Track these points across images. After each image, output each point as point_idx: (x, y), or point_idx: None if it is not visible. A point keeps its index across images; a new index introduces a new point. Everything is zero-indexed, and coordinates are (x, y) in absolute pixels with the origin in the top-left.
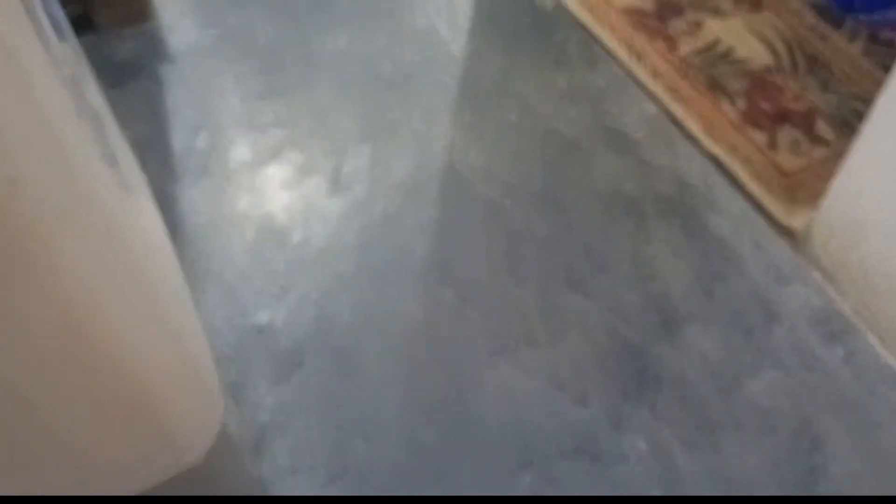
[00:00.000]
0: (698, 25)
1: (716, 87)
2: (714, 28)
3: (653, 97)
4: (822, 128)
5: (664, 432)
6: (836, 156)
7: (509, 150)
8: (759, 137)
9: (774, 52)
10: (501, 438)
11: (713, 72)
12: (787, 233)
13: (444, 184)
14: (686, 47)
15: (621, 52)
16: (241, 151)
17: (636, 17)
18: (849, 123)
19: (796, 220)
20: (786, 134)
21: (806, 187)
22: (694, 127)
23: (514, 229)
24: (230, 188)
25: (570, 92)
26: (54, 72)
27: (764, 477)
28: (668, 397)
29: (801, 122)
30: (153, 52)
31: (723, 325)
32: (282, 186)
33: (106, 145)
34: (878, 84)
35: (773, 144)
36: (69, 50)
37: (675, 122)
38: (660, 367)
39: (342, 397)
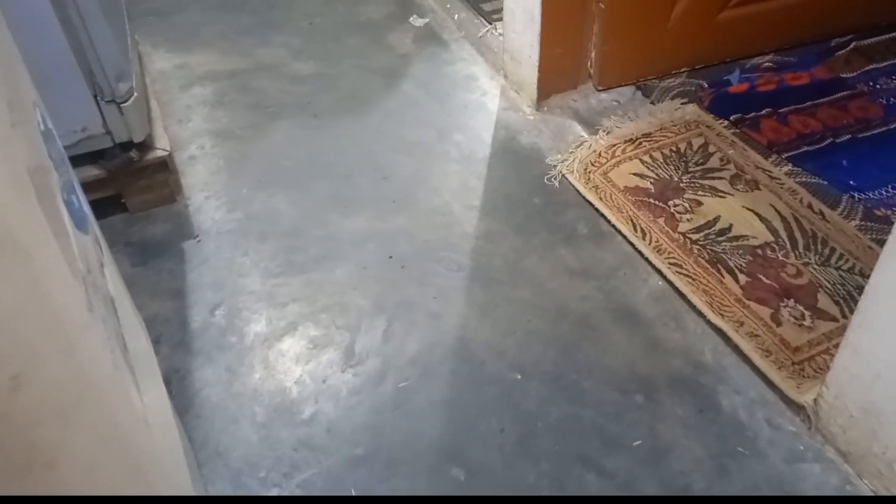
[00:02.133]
0: (698, 203)
1: (718, 262)
2: (714, 206)
3: (659, 273)
4: (825, 302)
5: None
6: (842, 331)
7: (522, 329)
8: (764, 312)
9: (773, 230)
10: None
11: (715, 248)
12: (799, 409)
13: (457, 362)
14: (687, 224)
15: (627, 230)
16: (257, 327)
17: (638, 195)
18: (853, 297)
19: (807, 396)
20: (789, 309)
21: (814, 362)
22: (700, 302)
23: (527, 409)
24: (244, 364)
25: (580, 270)
26: (67, 267)
27: None
28: None
29: (804, 297)
30: (179, 232)
31: None
32: (295, 361)
33: (118, 334)
34: (876, 259)
35: (777, 319)
36: (89, 240)
37: (683, 297)
38: None
39: None
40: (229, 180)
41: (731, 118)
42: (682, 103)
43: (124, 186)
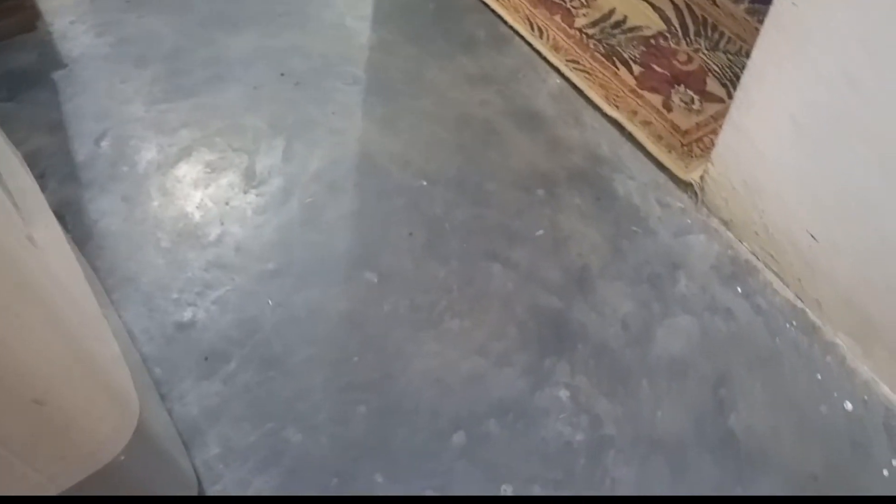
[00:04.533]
0: None
1: (613, 55)
2: None
3: (557, 72)
4: (713, 85)
5: (583, 384)
6: (727, 111)
7: (425, 139)
8: (656, 100)
9: (666, 18)
10: (430, 406)
11: (610, 41)
12: (687, 187)
13: (361, 175)
14: (583, 20)
15: (524, 30)
16: (148, 155)
17: None
18: (739, 79)
19: (694, 175)
20: (679, 94)
21: (702, 143)
22: (596, 96)
23: (434, 214)
24: (141, 192)
25: (480, 76)
26: None
27: (679, 416)
28: (585, 352)
29: (693, 82)
30: (47, 61)
31: (632, 279)
32: (194, 186)
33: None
34: None
35: (668, 106)
36: None
37: (581, 93)
38: (576, 325)
39: (270, 388)
40: (93, 1)
41: None
42: None
43: None
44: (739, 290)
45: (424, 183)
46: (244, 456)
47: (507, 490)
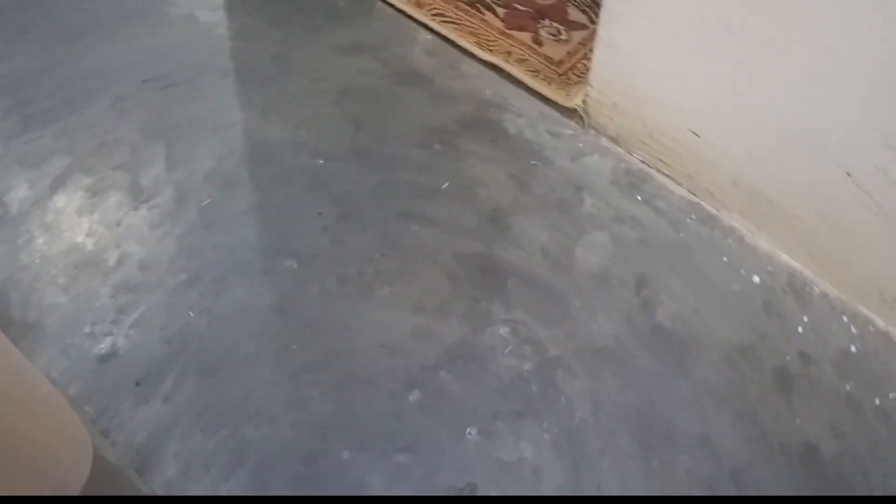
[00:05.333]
0: None
1: (476, 2)
2: None
3: (426, 27)
4: (575, 14)
5: (520, 316)
6: (594, 35)
7: (310, 117)
8: (525, 37)
9: None
10: (382, 373)
11: None
12: (572, 114)
13: (255, 166)
14: None
15: None
16: (19, 193)
17: None
18: (596, 3)
19: (576, 100)
20: (546, 28)
21: (576, 69)
22: (469, 45)
23: (339, 189)
24: (19, 234)
25: (351, 45)
26: None
27: (612, 323)
28: (515, 286)
29: (556, 14)
30: None
31: (542, 209)
32: (78, 214)
33: None
34: None
35: (538, 41)
36: None
37: (453, 44)
38: (501, 263)
39: (216, 395)
40: None
41: None
42: None
43: None
44: (639, 197)
45: (321, 161)
46: (205, 466)
47: (472, 433)
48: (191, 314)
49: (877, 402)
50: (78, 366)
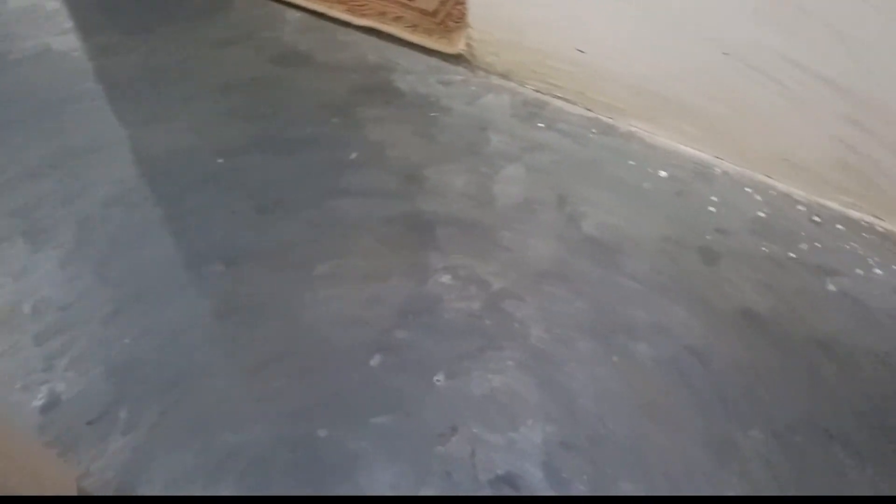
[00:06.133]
0: None
1: None
2: None
3: (293, 6)
4: None
5: (458, 261)
6: None
7: (200, 118)
8: None
9: None
10: (339, 344)
11: None
12: (459, 59)
13: (154, 181)
14: None
15: None
16: None
17: None
18: None
19: (459, 45)
20: None
21: (451, 16)
22: (340, 14)
23: (251, 181)
24: None
25: (221, 39)
26: None
27: (545, 243)
28: (446, 233)
29: None
30: None
31: (453, 156)
32: None
33: None
34: None
35: None
36: None
37: (325, 17)
38: (427, 215)
39: (180, 411)
40: None
41: None
42: None
43: None
44: (541, 124)
45: (221, 160)
46: (190, 480)
47: (440, 379)
48: (127, 341)
49: (791, 255)
50: (22, 422)
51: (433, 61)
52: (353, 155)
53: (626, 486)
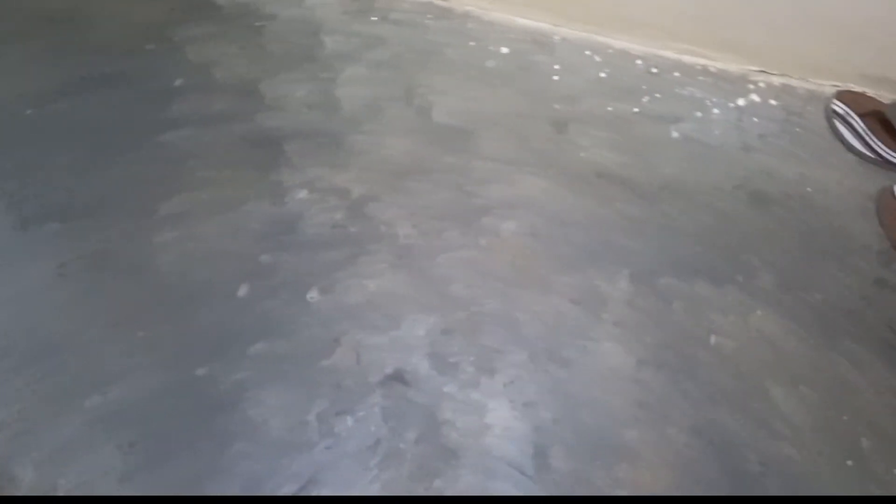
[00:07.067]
0: None
1: None
2: None
3: None
4: None
5: (312, 174)
6: None
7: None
8: None
9: None
10: (202, 282)
11: None
12: None
13: None
14: None
15: None
16: None
17: None
18: None
19: None
20: None
21: None
22: None
23: (67, 127)
24: None
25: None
26: None
27: (396, 138)
28: (294, 147)
29: None
30: None
31: (289, 65)
32: None
33: None
34: None
35: None
36: None
37: None
38: (272, 131)
39: (46, 383)
40: None
41: None
42: None
43: None
44: (374, 18)
45: (31, 111)
46: (71, 452)
47: (313, 296)
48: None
49: (635, 109)
50: None
51: None
52: (178, 82)
53: (511, 357)
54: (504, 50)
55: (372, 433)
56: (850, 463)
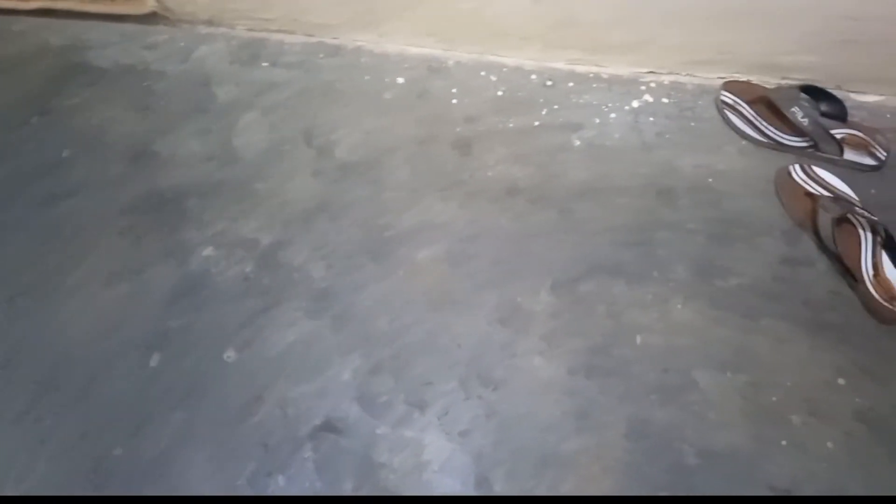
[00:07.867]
0: None
1: None
2: None
3: None
4: None
5: (217, 229)
6: None
7: None
8: None
9: None
10: (110, 353)
11: None
12: (156, 19)
13: None
14: None
15: None
16: None
17: None
18: None
19: (149, 4)
20: None
21: None
22: (3, 3)
23: None
24: None
25: None
26: None
27: (307, 185)
28: (196, 203)
29: None
30: None
31: (180, 121)
32: None
33: None
34: None
35: None
36: None
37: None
38: (170, 190)
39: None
40: None
41: None
42: None
43: None
44: (265, 63)
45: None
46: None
47: (229, 355)
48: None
49: (536, 123)
50: None
51: (129, 28)
52: (66, 152)
53: (442, 387)
54: (400, 80)
55: (307, 489)
56: (784, 443)
